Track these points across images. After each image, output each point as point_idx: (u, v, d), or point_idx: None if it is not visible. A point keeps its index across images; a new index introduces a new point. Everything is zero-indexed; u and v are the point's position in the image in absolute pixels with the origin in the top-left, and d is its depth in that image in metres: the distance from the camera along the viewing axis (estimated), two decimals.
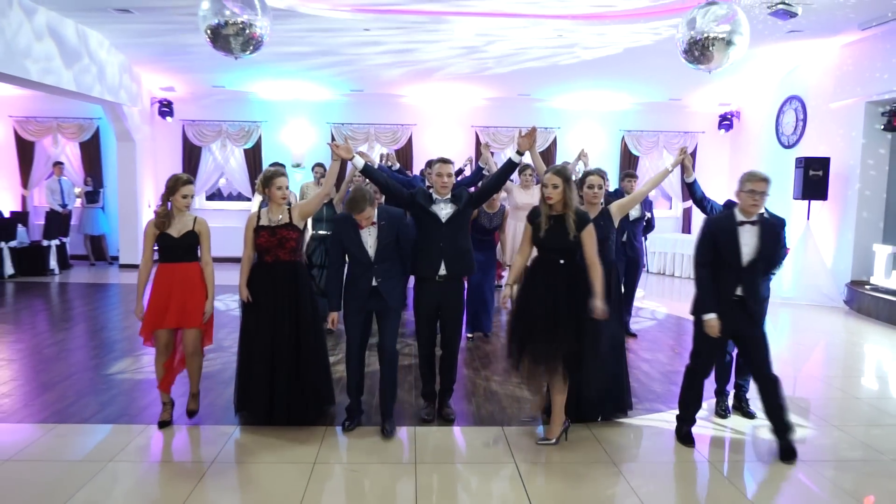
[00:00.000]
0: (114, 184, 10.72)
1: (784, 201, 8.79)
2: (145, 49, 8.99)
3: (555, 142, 11.27)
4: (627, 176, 6.24)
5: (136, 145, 10.29)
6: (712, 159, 11.29)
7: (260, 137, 11.12)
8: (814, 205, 8.59)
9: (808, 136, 9.23)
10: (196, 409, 4.11)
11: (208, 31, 4.61)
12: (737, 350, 4.22)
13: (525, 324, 3.62)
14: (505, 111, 11.24)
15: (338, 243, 3.88)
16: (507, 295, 3.77)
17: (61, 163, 10.64)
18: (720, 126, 11.44)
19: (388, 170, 6.02)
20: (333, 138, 10.87)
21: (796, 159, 8.63)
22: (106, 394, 4.49)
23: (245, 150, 11.11)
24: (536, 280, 3.65)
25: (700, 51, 4.61)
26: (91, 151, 10.91)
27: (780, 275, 8.33)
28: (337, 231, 3.90)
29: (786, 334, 7.01)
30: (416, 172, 8.94)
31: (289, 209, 3.91)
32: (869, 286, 7.84)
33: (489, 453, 3.68)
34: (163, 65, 9.72)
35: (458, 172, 6.27)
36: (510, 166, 3.96)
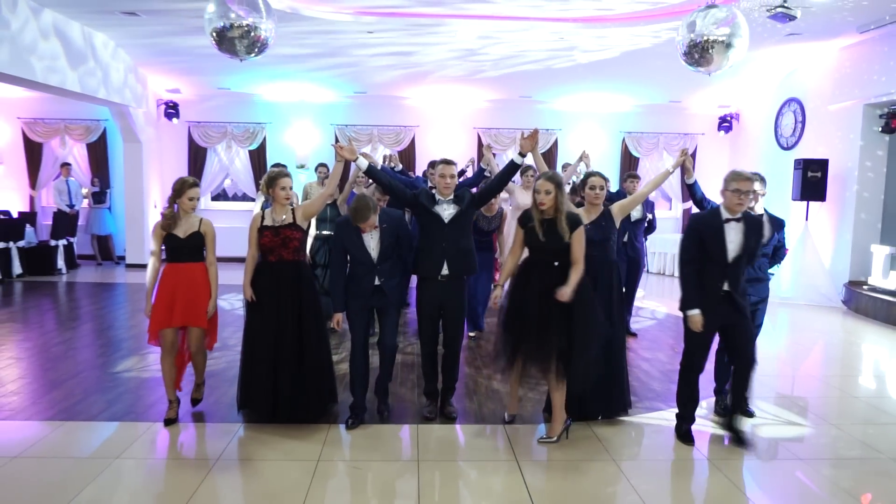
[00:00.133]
0: (120, 184, 10.81)
1: (783, 202, 8.87)
2: (151, 51, 9.06)
3: (556, 143, 11.34)
4: (630, 177, 6.26)
5: (143, 146, 10.36)
6: (712, 161, 11.33)
7: (264, 139, 11.20)
8: (812, 206, 8.64)
9: (807, 138, 9.27)
10: (200, 397, 4.23)
11: (214, 34, 4.60)
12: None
13: (519, 324, 3.70)
14: (506, 113, 11.32)
15: (340, 246, 3.93)
16: (497, 295, 3.87)
17: (69, 164, 10.74)
18: (720, 128, 11.50)
19: (390, 171, 6.09)
20: (337, 140, 10.92)
21: (795, 161, 8.68)
22: (112, 392, 4.53)
23: (250, 151, 11.19)
24: (531, 281, 3.71)
25: (700, 53, 4.60)
26: (98, 153, 11.00)
27: (779, 275, 8.41)
28: (339, 235, 3.93)
29: (784, 334, 7.04)
30: (418, 173, 8.99)
31: (292, 209, 3.94)
32: (867, 286, 7.88)
33: (491, 451, 3.71)
34: (169, 67, 9.79)
35: (461, 174, 6.32)
36: (512, 167, 4.01)
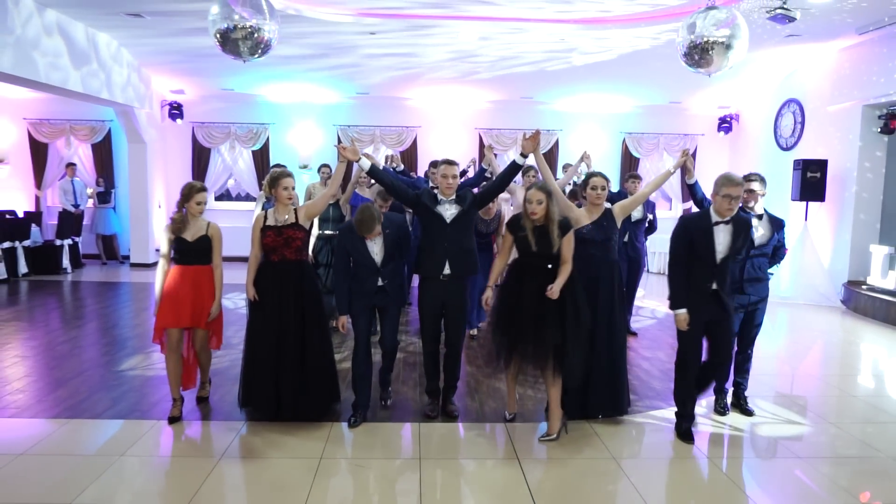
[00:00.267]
0: (125, 184, 10.86)
1: (782, 202, 8.91)
2: (155, 52, 9.11)
3: (557, 144, 11.39)
4: (631, 177, 6.28)
5: (147, 147, 10.41)
6: (712, 161, 11.36)
7: (268, 139, 11.25)
8: (811, 206, 8.68)
9: (806, 139, 9.31)
10: (206, 395, 4.32)
11: (217, 35, 4.61)
12: (736, 348, 4.31)
13: (512, 324, 3.78)
14: (508, 114, 11.37)
15: (343, 252, 3.99)
16: (488, 297, 3.95)
17: (74, 164, 10.80)
18: (719, 128, 11.53)
19: (392, 171, 6.14)
20: (340, 140, 10.97)
21: (794, 161, 8.71)
22: (117, 390, 4.56)
23: (253, 151, 11.24)
24: (523, 281, 3.79)
25: (700, 55, 4.60)
26: (103, 153, 11.06)
27: (779, 275, 8.45)
28: (343, 241, 3.98)
29: (784, 333, 7.08)
30: (420, 174, 9.04)
31: (295, 210, 3.97)
32: (865, 286, 7.92)
33: (492, 449, 3.75)
34: (173, 68, 9.85)
35: (462, 174, 6.37)
36: (514, 168, 4.05)
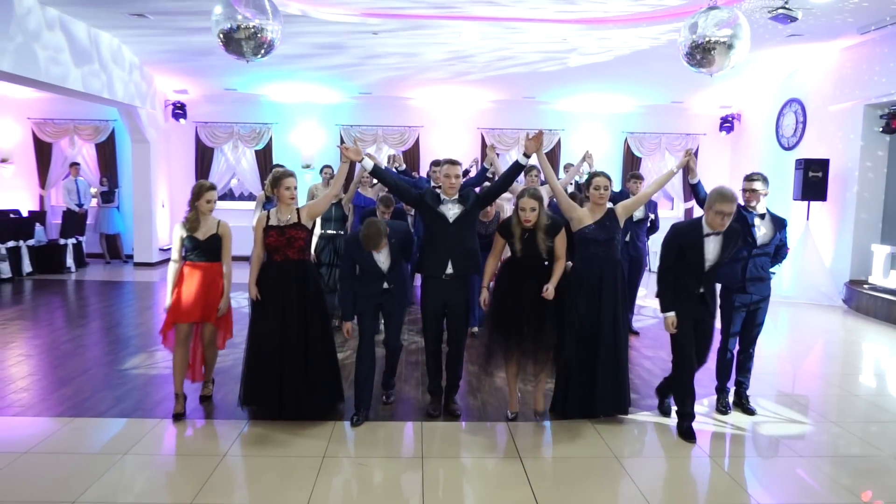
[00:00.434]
0: (129, 184, 10.90)
1: (784, 202, 8.92)
2: (159, 52, 9.14)
3: (559, 143, 11.40)
4: (633, 177, 6.28)
5: (151, 146, 10.44)
6: (713, 161, 11.38)
7: (271, 139, 11.29)
8: (813, 205, 8.69)
9: (808, 139, 9.32)
10: (209, 394, 4.36)
11: (221, 36, 4.64)
12: (738, 348, 4.39)
13: (514, 324, 3.87)
14: (510, 113, 11.39)
15: (350, 260, 4.02)
16: (485, 297, 4.01)
17: (78, 163, 10.84)
18: (721, 128, 11.54)
19: (394, 171, 6.16)
20: (342, 140, 11.00)
21: (796, 161, 8.72)
22: (121, 388, 4.57)
23: (256, 151, 11.27)
24: (521, 280, 3.89)
25: (702, 54, 4.61)
26: (107, 152, 11.10)
27: (781, 274, 8.46)
28: (349, 250, 4.02)
29: (785, 332, 7.09)
30: (423, 174, 9.07)
31: (297, 209, 3.98)
32: (867, 285, 7.93)
33: (494, 448, 3.76)
34: (176, 68, 9.89)
35: (465, 174, 6.39)
36: (517, 168, 4.08)
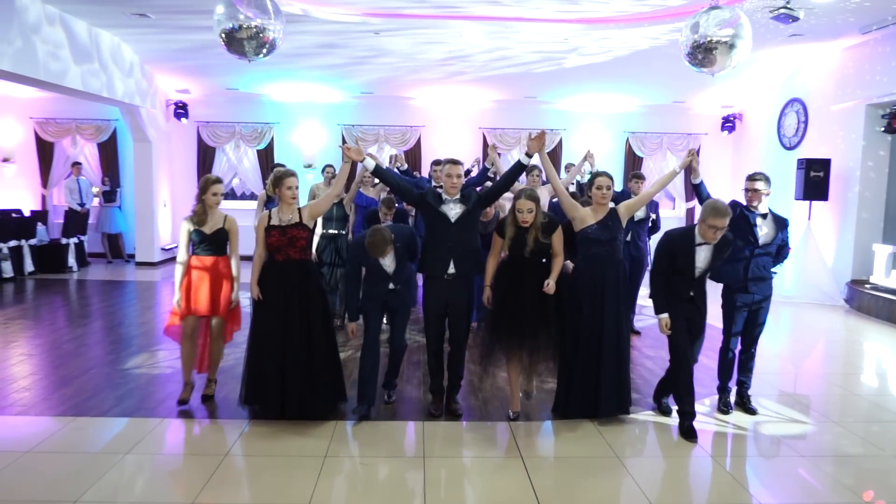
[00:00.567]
0: (130, 183, 10.91)
1: (785, 202, 8.91)
2: (161, 52, 9.16)
3: (560, 143, 11.40)
4: (634, 177, 6.29)
5: (153, 146, 10.45)
6: (715, 161, 11.37)
7: (272, 139, 11.29)
8: (815, 205, 8.69)
9: (810, 138, 9.31)
10: (211, 394, 4.37)
11: (223, 35, 4.66)
12: (740, 347, 4.41)
13: (515, 322, 3.92)
14: (511, 113, 11.39)
15: (356, 264, 4.09)
16: (489, 295, 4.04)
17: (80, 163, 10.85)
18: (723, 128, 11.53)
19: (395, 171, 6.16)
20: (344, 140, 11.00)
21: (798, 161, 8.72)
22: (123, 388, 4.58)
23: (258, 150, 11.28)
24: (522, 278, 3.94)
25: (703, 54, 4.62)
26: (108, 152, 11.11)
27: (782, 273, 8.45)
28: (355, 255, 4.09)
29: (787, 332, 7.10)
30: (424, 173, 9.07)
31: (299, 209, 4.00)
32: (869, 285, 7.93)
33: (495, 447, 3.77)
34: (178, 67, 9.90)
35: (467, 173, 6.39)
36: (519, 168, 4.09)
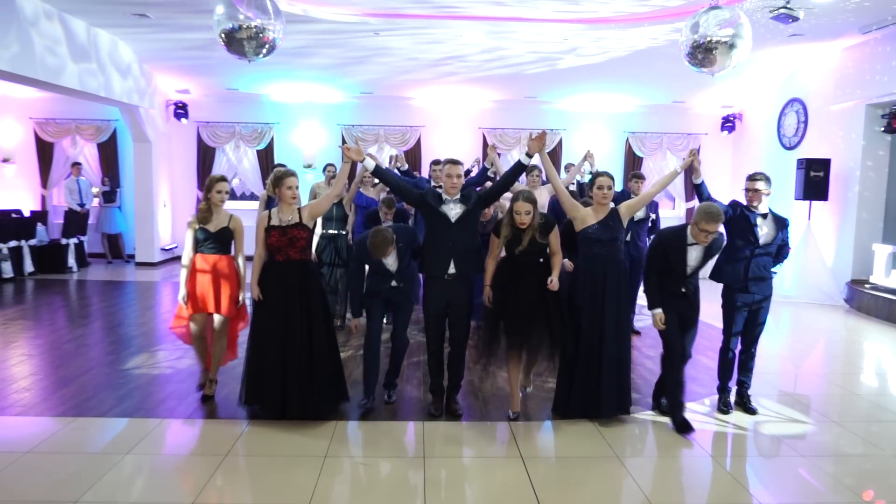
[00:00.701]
0: (130, 184, 10.91)
1: (785, 202, 8.91)
2: (161, 52, 9.16)
3: (560, 143, 11.40)
4: (634, 177, 6.29)
5: (152, 146, 10.45)
6: (715, 161, 11.35)
7: (272, 139, 11.29)
8: (815, 205, 8.70)
9: (809, 138, 9.32)
10: (212, 394, 4.37)
11: (223, 36, 4.68)
12: (740, 347, 4.42)
13: (513, 322, 3.96)
14: (511, 113, 11.39)
15: (360, 262, 4.16)
16: (489, 294, 4.07)
17: (79, 163, 10.85)
18: (723, 128, 11.53)
19: (396, 172, 6.16)
20: (344, 140, 11.00)
21: (797, 160, 8.73)
22: (123, 388, 4.58)
23: (258, 151, 11.28)
24: (519, 277, 3.98)
25: (703, 54, 4.64)
26: (108, 152, 11.11)
27: (782, 273, 8.45)
28: (359, 254, 4.15)
29: (787, 332, 7.10)
30: (424, 174, 9.07)
31: (299, 209, 4.00)
32: (868, 285, 7.93)
33: (495, 447, 3.78)
34: (178, 67, 9.90)
35: (466, 173, 6.39)
36: (519, 168, 4.09)
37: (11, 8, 6.71)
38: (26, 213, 10.39)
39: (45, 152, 11.05)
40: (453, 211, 4.03)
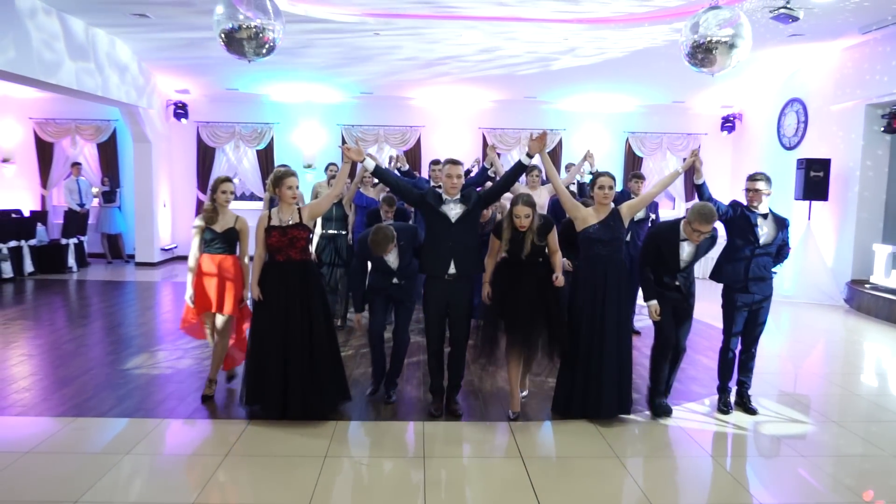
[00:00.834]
0: (130, 184, 10.90)
1: (785, 202, 8.91)
2: (160, 52, 9.15)
3: (560, 143, 11.40)
4: (635, 177, 6.26)
5: (152, 146, 10.45)
6: (715, 161, 11.33)
7: (272, 139, 11.29)
8: (814, 205, 8.70)
9: (809, 138, 9.32)
10: (212, 394, 4.37)
11: (222, 36, 4.67)
12: (740, 347, 4.43)
13: (513, 322, 3.99)
14: (511, 113, 11.39)
15: (362, 259, 4.23)
16: (489, 291, 4.10)
17: (79, 163, 10.85)
18: (723, 128, 11.53)
19: (396, 172, 6.17)
20: (344, 140, 11.00)
21: (797, 160, 8.73)
22: (123, 388, 4.58)
23: (258, 151, 11.28)
24: (518, 277, 4.01)
25: (703, 54, 4.63)
26: (108, 152, 11.10)
27: (782, 273, 8.45)
28: (362, 252, 4.20)
29: (787, 332, 7.10)
30: (424, 174, 9.07)
31: (299, 209, 4.01)
32: (868, 285, 7.94)
33: (495, 447, 3.78)
34: (178, 67, 9.90)
35: (467, 173, 6.40)
36: (520, 168, 4.09)
37: (11, 7, 6.70)
38: (26, 214, 10.40)
39: (44, 152, 11.05)
40: (453, 211, 4.03)
